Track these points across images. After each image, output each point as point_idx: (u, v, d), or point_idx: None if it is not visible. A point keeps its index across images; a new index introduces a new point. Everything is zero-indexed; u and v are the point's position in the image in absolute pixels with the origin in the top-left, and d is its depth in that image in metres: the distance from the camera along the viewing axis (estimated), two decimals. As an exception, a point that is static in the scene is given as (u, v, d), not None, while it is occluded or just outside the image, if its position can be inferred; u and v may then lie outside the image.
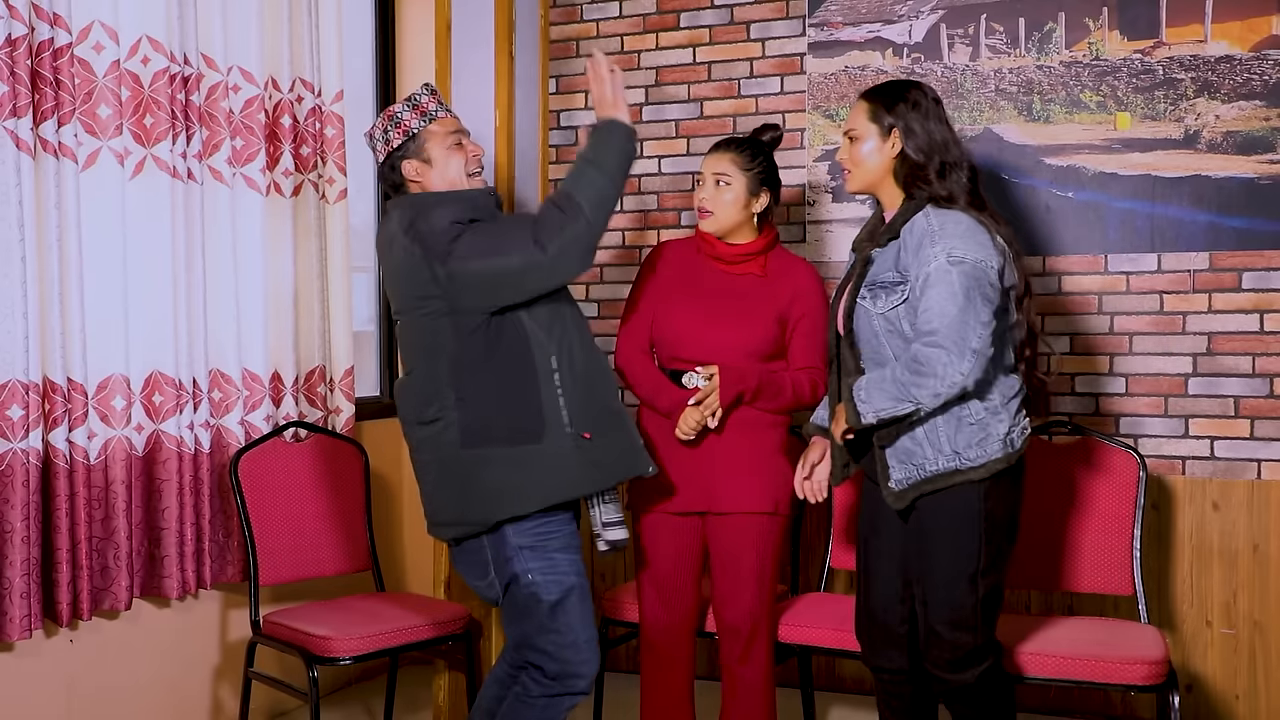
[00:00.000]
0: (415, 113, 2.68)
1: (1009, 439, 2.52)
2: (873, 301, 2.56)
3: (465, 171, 2.70)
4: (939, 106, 2.61)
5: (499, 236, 2.54)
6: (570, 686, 2.61)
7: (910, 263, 2.50)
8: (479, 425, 2.56)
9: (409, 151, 2.67)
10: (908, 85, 2.64)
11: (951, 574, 2.53)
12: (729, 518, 2.97)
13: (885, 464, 2.57)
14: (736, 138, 3.07)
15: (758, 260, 3.02)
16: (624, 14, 4.10)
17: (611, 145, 2.60)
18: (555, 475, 2.56)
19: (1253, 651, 3.47)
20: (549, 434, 2.56)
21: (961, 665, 2.55)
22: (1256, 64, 3.43)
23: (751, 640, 3.01)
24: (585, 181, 2.56)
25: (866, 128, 2.61)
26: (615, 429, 2.63)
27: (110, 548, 3.06)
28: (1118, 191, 3.56)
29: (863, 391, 2.53)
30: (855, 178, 2.65)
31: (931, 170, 2.55)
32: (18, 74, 2.78)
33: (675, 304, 3.01)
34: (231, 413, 3.40)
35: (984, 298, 2.44)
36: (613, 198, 2.58)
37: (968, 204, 2.54)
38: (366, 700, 3.82)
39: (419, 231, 2.56)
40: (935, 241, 2.47)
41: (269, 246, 3.49)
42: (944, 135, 2.58)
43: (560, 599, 2.59)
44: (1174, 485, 3.52)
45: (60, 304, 2.90)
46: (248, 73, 3.42)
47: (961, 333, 2.41)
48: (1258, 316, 3.44)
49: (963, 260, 2.44)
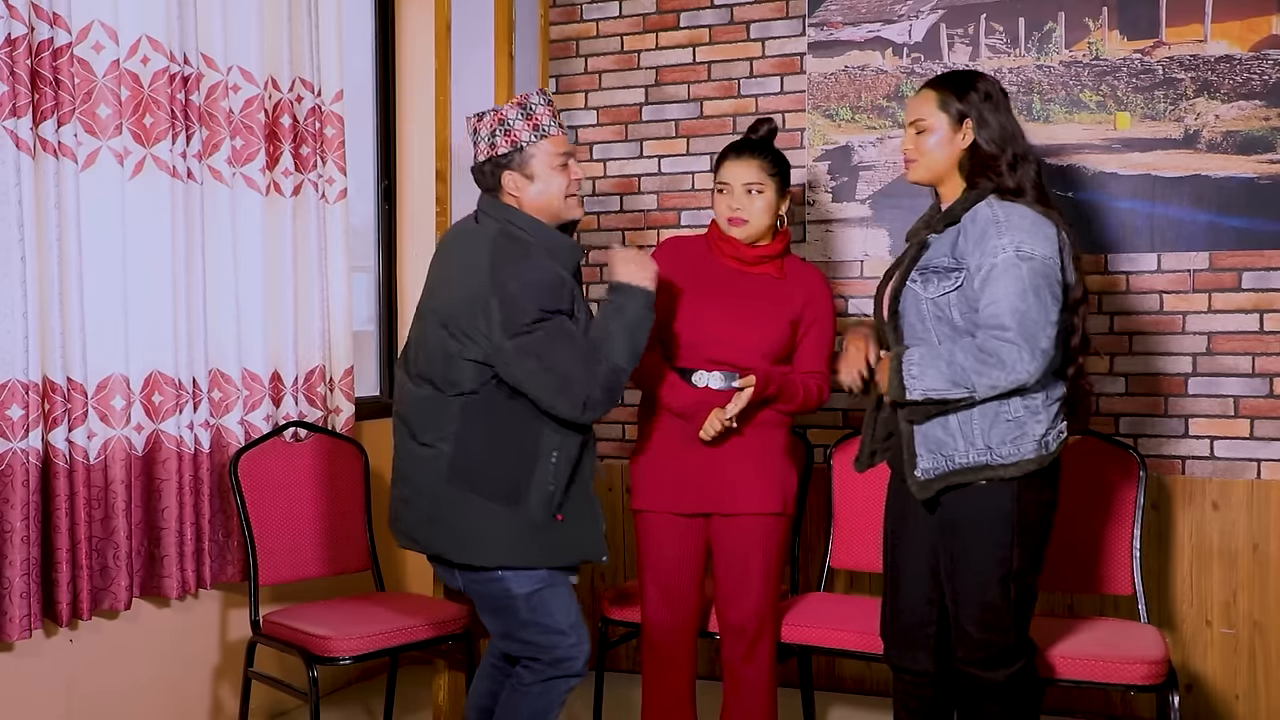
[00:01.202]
0: (529, 124, 2.61)
1: (1044, 441, 2.48)
2: (924, 285, 2.51)
3: (564, 193, 2.66)
4: (1006, 98, 2.57)
5: (566, 360, 2.52)
6: (565, 670, 2.62)
7: (970, 251, 2.46)
8: (468, 468, 2.58)
9: (513, 163, 2.62)
10: (977, 75, 2.59)
11: (983, 575, 2.50)
12: (736, 518, 2.98)
13: (913, 451, 2.52)
14: (752, 141, 3.02)
15: (775, 262, 3.02)
16: (624, 14, 4.10)
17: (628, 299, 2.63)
18: (517, 542, 2.58)
19: (1252, 651, 3.47)
20: (525, 504, 2.58)
21: (993, 664, 2.53)
22: (1256, 64, 3.43)
23: (756, 640, 3.01)
24: (616, 348, 2.58)
25: (937, 117, 2.55)
26: (587, 517, 2.66)
27: (110, 547, 3.06)
28: (1117, 191, 3.56)
29: (914, 367, 2.46)
30: (920, 167, 2.59)
31: (1004, 162, 2.50)
32: (17, 74, 2.77)
33: (690, 302, 3.00)
34: (231, 412, 3.40)
35: (1053, 296, 2.41)
36: (635, 359, 2.64)
37: (1034, 198, 2.50)
38: (366, 700, 3.82)
39: (507, 286, 2.51)
40: (1002, 233, 2.42)
41: (269, 246, 3.49)
42: (1014, 127, 2.54)
43: (533, 590, 2.60)
44: (1174, 485, 3.52)
45: (60, 304, 2.90)
46: (247, 72, 3.42)
47: (1033, 330, 2.38)
48: (1257, 316, 3.44)
49: (1032, 256, 2.40)
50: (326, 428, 3.64)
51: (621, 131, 4.12)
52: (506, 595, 2.60)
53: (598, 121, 4.13)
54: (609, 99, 4.12)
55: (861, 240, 3.82)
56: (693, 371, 2.98)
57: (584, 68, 4.15)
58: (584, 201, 2.73)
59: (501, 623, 2.65)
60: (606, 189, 4.15)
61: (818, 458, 3.60)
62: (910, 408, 2.51)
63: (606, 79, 4.13)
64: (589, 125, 4.15)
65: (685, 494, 2.99)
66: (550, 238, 2.64)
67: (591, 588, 4.16)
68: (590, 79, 4.13)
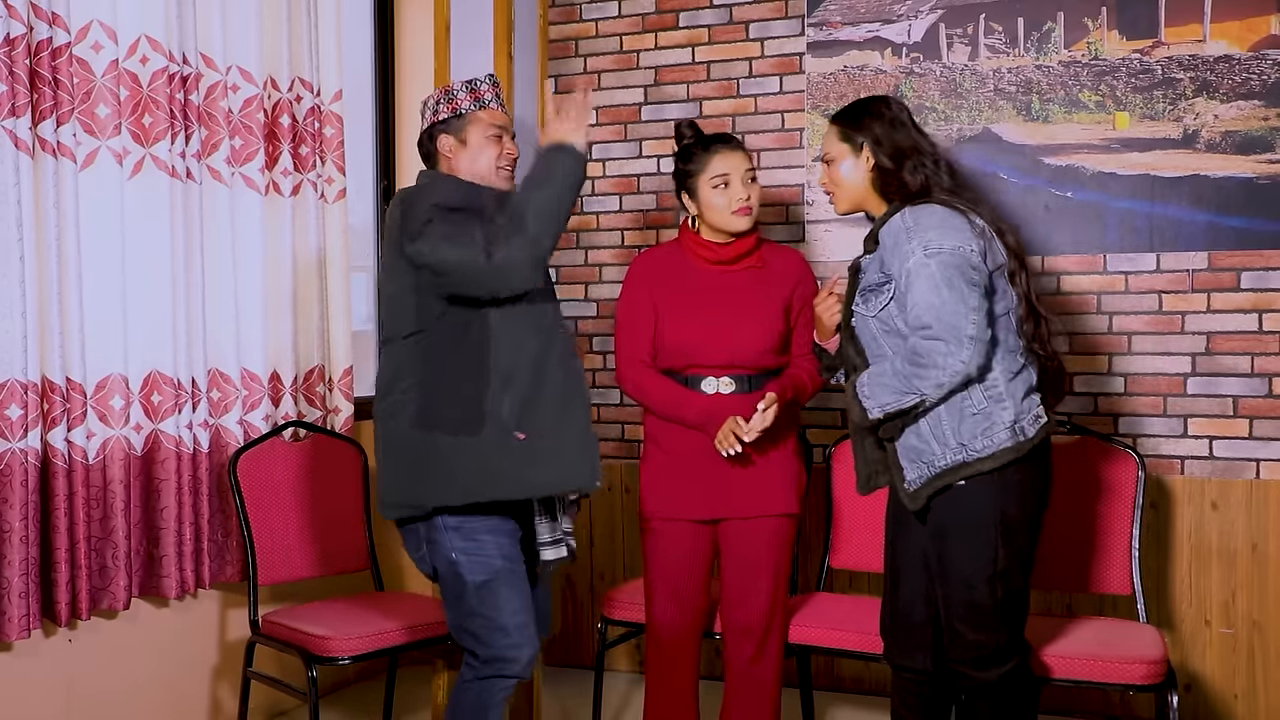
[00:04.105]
0: (470, 96, 2.73)
1: (1017, 426, 2.49)
2: (865, 305, 2.59)
3: (495, 164, 2.72)
4: (907, 113, 2.65)
5: (458, 228, 2.52)
6: (500, 670, 2.61)
7: (891, 261, 2.53)
8: (431, 410, 2.57)
9: (451, 128, 2.71)
10: (871, 100, 2.69)
11: (969, 576, 2.51)
12: (749, 520, 2.98)
13: (899, 464, 2.58)
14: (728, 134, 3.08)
15: (756, 254, 3.03)
16: (623, 13, 4.10)
17: (559, 165, 2.53)
18: (483, 474, 2.55)
19: (1251, 651, 3.47)
20: (487, 429, 2.55)
21: (984, 664, 2.54)
22: (1255, 64, 3.43)
23: (765, 640, 3.01)
24: (530, 199, 2.51)
25: (839, 149, 2.66)
26: (559, 439, 2.59)
27: (109, 547, 3.06)
28: (1116, 191, 3.56)
29: (865, 388, 2.55)
30: (841, 198, 2.69)
31: (905, 171, 2.58)
32: (16, 73, 2.77)
33: (685, 312, 3.00)
34: (230, 412, 3.40)
35: (968, 283, 2.45)
36: (560, 217, 2.52)
37: (943, 191, 2.56)
38: (365, 700, 3.82)
39: (409, 203, 2.60)
40: (911, 237, 2.49)
41: (268, 246, 3.49)
42: (913, 139, 2.61)
43: (485, 581, 2.59)
44: (1173, 485, 3.52)
45: (59, 303, 2.90)
46: (246, 72, 3.42)
47: (954, 321, 2.42)
48: (1256, 316, 3.44)
49: (940, 249, 2.46)
50: (325, 428, 3.64)
51: (621, 131, 4.12)
52: (458, 579, 2.60)
53: (597, 121, 4.13)
54: (608, 99, 4.12)
55: (860, 241, 3.79)
56: (701, 380, 2.98)
57: (583, 68, 4.15)
58: (513, 179, 2.75)
59: (452, 610, 2.66)
60: (606, 189, 4.14)
61: (817, 458, 3.60)
62: (883, 427, 2.58)
63: (606, 79, 4.13)
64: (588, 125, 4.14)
65: (698, 500, 2.99)
66: (475, 191, 2.67)
67: (591, 588, 4.16)
68: (589, 79, 4.13)
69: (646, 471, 3.07)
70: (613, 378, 4.04)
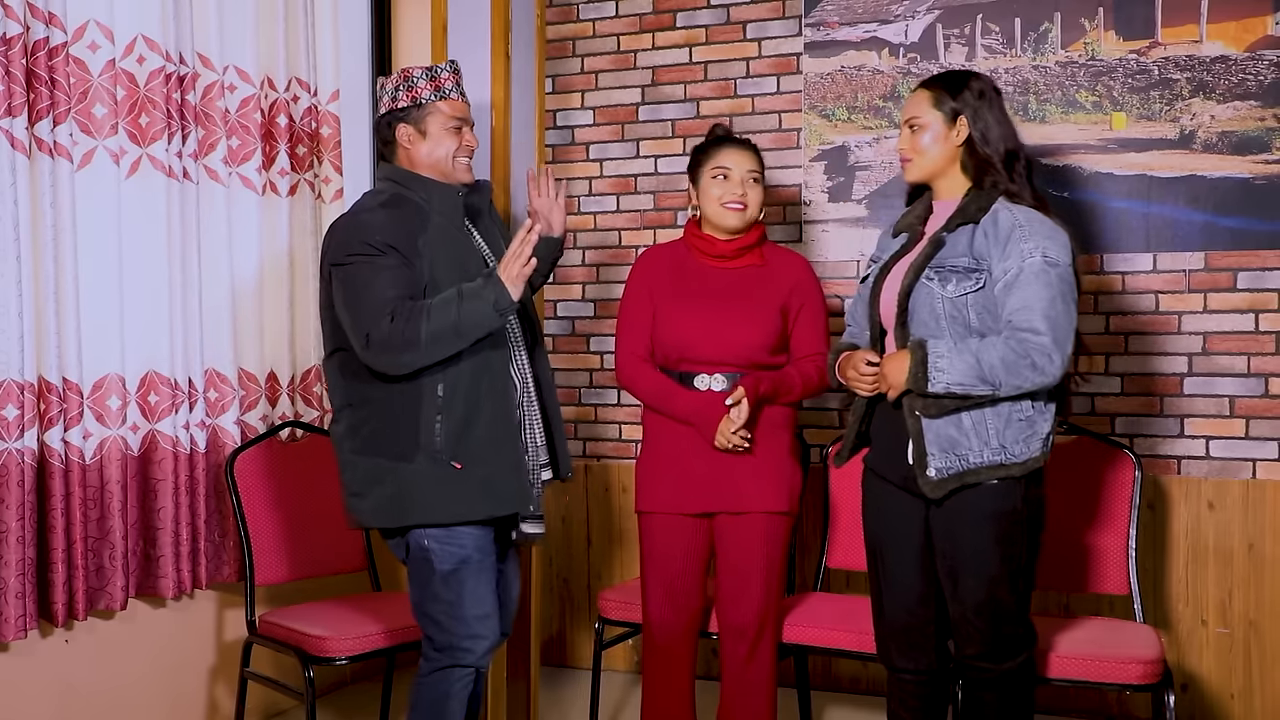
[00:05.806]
0: (431, 84, 2.69)
1: (1048, 439, 2.53)
2: (941, 284, 2.50)
3: (454, 156, 2.71)
4: (1000, 96, 2.60)
5: (362, 293, 2.51)
6: (457, 659, 2.62)
7: (991, 252, 2.47)
8: (366, 433, 2.62)
9: (410, 118, 2.69)
10: (971, 74, 2.62)
11: (995, 573, 2.51)
12: (742, 517, 2.98)
13: (923, 450, 2.51)
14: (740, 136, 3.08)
15: (755, 251, 3.04)
16: (620, 14, 4.10)
17: (479, 308, 2.51)
18: (430, 497, 2.58)
19: (1248, 650, 3.47)
20: (420, 456, 2.58)
21: (1004, 656, 2.56)
22: (1251, 64, 3.44)
23: (758, 640, 3.01)
24: (436, 319, 2.49)
25: (931, 115, 2.58)
26: (494, 464, 2.61)
27: (105, 547, 3.06)
28: (1113, 191, 3.56)
29: (941, 359, 2.45)
30: (916, 166, 2.62)
31: (997, 161, 2.53)
32: (13, 73, 2.77)
33: (680, 307, 3.01)
34: (227, 412, 3.40)
35: (1074, 301, 2.47)
36: (452, 348, 2.53)
37: (1032, 201, 2.54)
38: (362, 700, 3.82)
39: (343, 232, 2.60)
40: (1027, 238, 2.45)
41: (265, 246, 3.49)
42: (1009, 125, 2.57)
43: (453, 569, 2.60)
44: (1169, 485, 3.52)
45: (55, 303, 2.90)
46: (243, 72, 3.42)
47: (1062, 335, 2.42)
48: (1253, 316, 3.44)
49: (1058, 263, 2.45)
50: (322, 428, 3.63)
51: (618, 131, 4.12)
52: (427, 564, 2.61)
53: (594, 121, 4.13)
54: (605, 99, 4.12)
55: (858, 240, 3.82)
56: (694, 376, 2.99)
57: (580, 68, 4.15)
58: (473, 169, 2.75)
59: (417, 592, 2.66)
60: (603, 189, 4.14)
61: (814, 458, 3.60)
62: (925, 401, 2.49)
63: (603, 79, 4.13)
64: (585, 125, 4.15)
65: (691, 494, 2.99)
66: (428, 186, 2.67)
67: (588, 588, 4.16)
68: (587, 79, 4.13)
69: (641, 467, 3.08)
70: (610, 377, 4.05)
